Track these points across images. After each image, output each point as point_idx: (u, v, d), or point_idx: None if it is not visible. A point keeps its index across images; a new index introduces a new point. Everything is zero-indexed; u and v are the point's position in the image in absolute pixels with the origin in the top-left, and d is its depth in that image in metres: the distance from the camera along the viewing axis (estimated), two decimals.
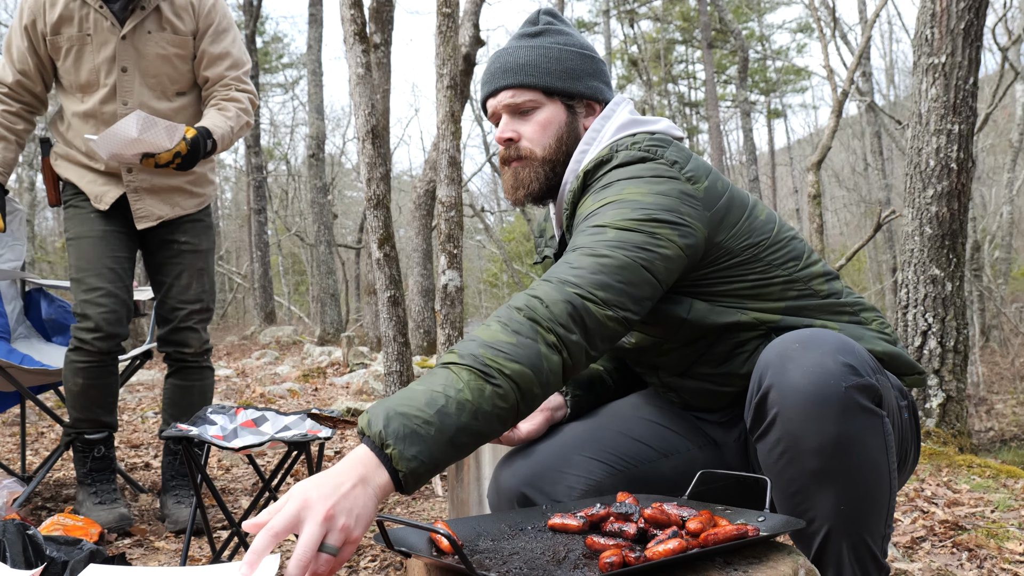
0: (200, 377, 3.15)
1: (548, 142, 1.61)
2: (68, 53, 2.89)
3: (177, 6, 2.97)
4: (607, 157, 1.51)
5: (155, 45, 2.93)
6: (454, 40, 4.09)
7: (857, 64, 9.83)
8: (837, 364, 1.23)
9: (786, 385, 1.24)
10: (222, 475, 3.92)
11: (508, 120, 1.63)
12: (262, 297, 15.39)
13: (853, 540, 1.29)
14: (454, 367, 1.18)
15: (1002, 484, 3.19)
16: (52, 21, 2.85)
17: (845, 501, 1.26)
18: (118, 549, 2.76)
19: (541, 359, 1.20)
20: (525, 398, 1.20)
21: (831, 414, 1.22)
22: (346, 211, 28.28)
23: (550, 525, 1.26)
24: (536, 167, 1.61)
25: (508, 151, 1.63)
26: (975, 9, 3.84)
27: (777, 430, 1.26)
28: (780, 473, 1.29)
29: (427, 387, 1.16)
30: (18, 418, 3.97)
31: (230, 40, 3.06)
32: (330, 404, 6.06)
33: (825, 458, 1.24)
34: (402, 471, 1.11)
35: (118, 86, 2.91)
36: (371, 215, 4.14)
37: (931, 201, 3.93)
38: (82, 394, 2.91)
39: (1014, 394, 10.60)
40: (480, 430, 1.16)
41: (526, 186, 1.62)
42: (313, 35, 13.93)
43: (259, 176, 15.11)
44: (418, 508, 3.33)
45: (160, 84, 2.97)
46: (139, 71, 2.93)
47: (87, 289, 2.88)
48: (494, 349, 1.19)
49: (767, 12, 23.32)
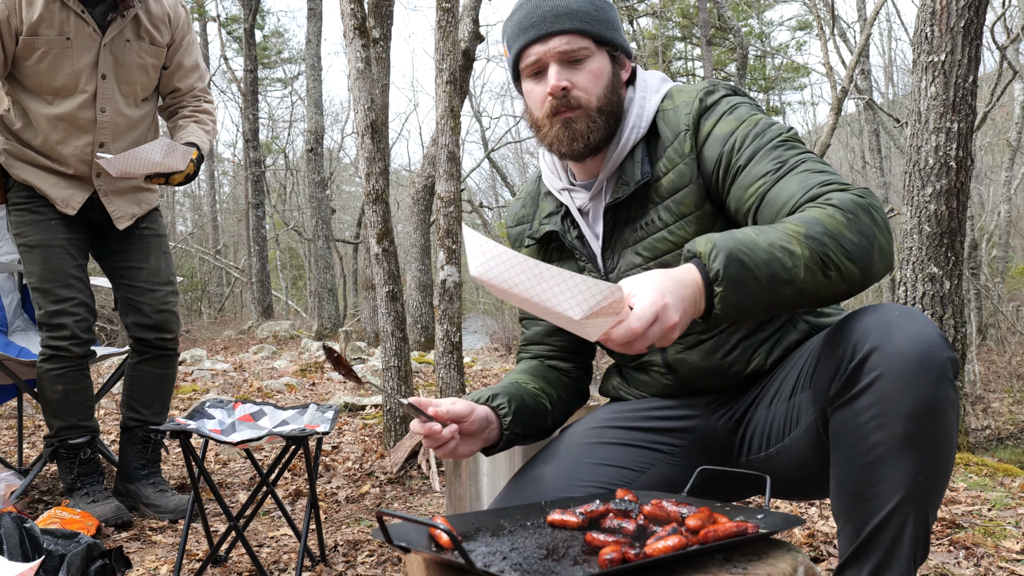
0: (175, 364, 3.18)
1: (601, 92, 1.55)
2: (44, 56, 2.85)
3: (155, 16, 3.02)
4: (711, 88, 1.56)
5: (134, 54, 2.98)
6: (454, 35, 4.08)
7: (856, 62, 9.82)
8: (937, 335, 1.28)
9: (891, 348, 1.26)
10: (219, 469, 3.92)
11: (559, 68, 1.54)
12: (260, 291, 15.38)
13: (918, 516, 1.29)
14: (798, 237, 1.27)
15: (999, 482, 3.20)
16: (30, 21, 2.81)
17: (923, 472, 1.27)
18: (115, 543, 2.76)
19: (872, 264, 1.30)
20: (848, 292, 1.31)
21: (931, 380, 1.25)
22: (344, 206, 28.24)
23: (549, 521, 1.25)
24: (594, 117, 1.55)
25: (560, 101, 1.54)
26: (975, 7, 3.84)
27: (875, 392, 1.27)
28: (862, 439, 1.29)
29: (768, 243, 1.25)
30: (15, 411, 3.97)
31: (197, 50, 3.19)
32: (327, 399, 6.05)
33: (917, 423, 1.25)
34: (718, 311, 1.23)
35: (98, 93, 2.93)
36: (370, 210, 4.14)
37: (930, 199, 3.93)
38: (63, 400, 2.93)
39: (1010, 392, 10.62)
40: (796, 304, 1.31)
41: (584, 137, 1.55)
42: (312, 29, 13.89)
43: (257, 170, 15.09)
44: (416, 503, 3.33)
45: (132, 91, 3.03)
46: (116, 78, 2.97)
47: (58, 300, 2.90)
48: (838, 243, 1.27)
49: (766, 9, 23.32)
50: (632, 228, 1.59)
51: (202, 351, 8.97)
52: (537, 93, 1.58)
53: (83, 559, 2.03)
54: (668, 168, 1.55)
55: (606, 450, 1.61)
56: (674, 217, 1.55)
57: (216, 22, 20.06)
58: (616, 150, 1.59)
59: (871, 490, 1.28)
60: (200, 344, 12.18)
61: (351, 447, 4.36)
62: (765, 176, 1.43)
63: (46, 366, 2.91)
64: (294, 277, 27.35)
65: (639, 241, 1.58)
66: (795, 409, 1.52)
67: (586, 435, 1.66)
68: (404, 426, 4.04)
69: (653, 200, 1.57)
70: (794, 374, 1.56)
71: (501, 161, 25.71)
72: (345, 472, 3.83)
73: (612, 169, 1.60)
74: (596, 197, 1.63)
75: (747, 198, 1.45)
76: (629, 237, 1.59)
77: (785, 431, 1.55)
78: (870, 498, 1.29)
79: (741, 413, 1.64)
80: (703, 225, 1.55)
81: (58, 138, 2.92)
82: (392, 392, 4.05)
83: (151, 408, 3.13)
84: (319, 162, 13.66)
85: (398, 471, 3.73)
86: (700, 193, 1.54)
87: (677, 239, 1.55)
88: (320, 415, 2.50)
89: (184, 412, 5.54)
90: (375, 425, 4.90)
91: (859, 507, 1.30)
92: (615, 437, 1.64)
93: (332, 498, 3.41)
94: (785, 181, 1.41)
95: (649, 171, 1.56)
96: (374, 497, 3.42)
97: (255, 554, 2.35)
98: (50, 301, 2.90)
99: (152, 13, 3.01)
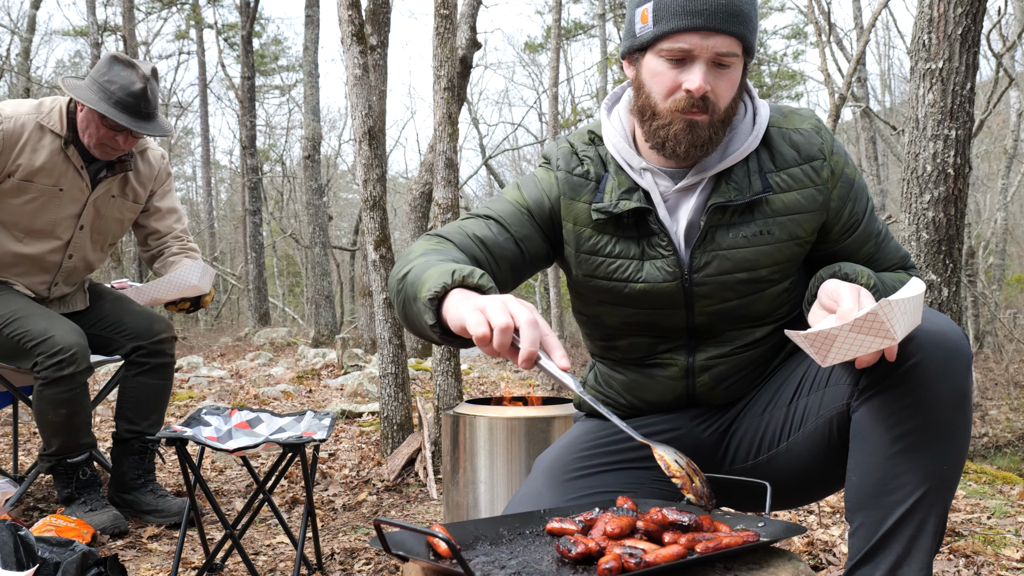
0: (172, 373, 3.17)
1: (730, 101, 1.49)
2: (32, 201, 2.87)
3: (142, 175, 3.10)
4: (831, 142, 1.56)
5: (115, 209, 3.06)
6: (451, 42, 4.08)
7: (854, 70, 9.84)
8: (961, 330, 1.34)
9: (926, 338, 1.30)
10: (216, 476, 3.90)
11: (706, 69, 1.44)
12: (256, 298, 15.35)
13: (940, 508, 1.32)
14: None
15: (998, 490, 3.19)
16: (31, 167, 2.83)
17: (948, 460, 1.31)
18: (111, 551, 2.74)
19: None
20: None
21: (962, 369, 1.32)
22: (341, 213, 28.23)
23: (548, 530, 1.24)
24: (717, 127, 1.47)
25: (694, 101, 1.44)
26: (972, 15, 3.84)
27: (911, 380, 1.30)
28: (892, 428, 1.31)
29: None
30: (10, 418, 3.95)
31: (174, 193, 3.27)
32: (324, 406, 6.04)
33: (948, 410, 1.30)
34: None
35: (73, 241, 2.99)
36: (367, 216, 4.13)
37: (928, 206, 3.93)
38: (66, 423, 2.87)
39: (1008, 400, 10.61)
40: None
41: (701, 146, 1.47)
42: (310, 37, 13.91)
43: (254, 177, 15.08)
44: (413, 511, 3.32)
45: (103, 240, 3.11)
46: (92, 229, 3.03)
47: (45, 329, 2.81)
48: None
49: (762, 18, 23.37)
50: (730, 233, 1.52)
51: (199, 358, 8.95)
52: (668, 80, 1.46)
53: (78, 567, 2.01)
54: (789, 187, 1.52)
55: (596, 479, 1.59)
56: (787, 236, 1.52)
57: (213, 29, 20.09)
58: (722, 154, 1.53)
59: (896, 481, 1.30)
60: (197, 351, 12.14)
61: (348, 454, 4.34)
62: (873, 240, 1.60)
63: (48, 391, 2.81)
64: (291, 284, 27.33)
65: (736, 248, 1.52)
66: (798, 412, 1.51)
67: (570, 465, 1.62)
68: (401, 433, 4.03)
69: (764, 212, 1.52)
70: (794, 380, 1.55)
71: (498, 168, 25.72)
72: (342, 480, 3.81)
73: (715, 171, 1.53)
74: (683, 190, 1.55)
75: (859, 254, 1.60)
76: (723, 240, 1.52)
77: (782, 436, 1.55)
78: (894, 490, 1.30)
79: (728, 424, 1.63)
80: (803, 250, 1.55)
81: (17, 271, 2.97)
82: (389, 399, 4.04)
83: (147, 420, 3.09)
84: (316, 169, 13.65)
85: (395, 479, 3.71)
86: (817, 223, 1.54)
87: (781, 257, 1.53)
88: (317, 422, 2.48)
89: (180, 419, 5.51)
90: (372, 432, 4.88)
91: (881, 501, 1.31)
92: (601, 464, 1.62)
93: (329, 506, 3.39)
94: (885, 247, 1.62)
95: (770, 186, 1.52)
96: (371, 505, 3.41)
97: (251, 562, 2.33)
98: (38, 330, 2.81)
99: (140, 172, 3.10)
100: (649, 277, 1.55)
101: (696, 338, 1.60)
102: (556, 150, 1.65)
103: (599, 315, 1.65)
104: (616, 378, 1.70)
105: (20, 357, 2.84)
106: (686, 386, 1.63)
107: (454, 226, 1.59)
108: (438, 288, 1.27)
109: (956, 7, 3.84)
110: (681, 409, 1.66)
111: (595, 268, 1.59)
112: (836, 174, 1.54)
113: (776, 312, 1.59)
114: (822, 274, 1.46)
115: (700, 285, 1.54)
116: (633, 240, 1.56)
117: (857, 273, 1.45)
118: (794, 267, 1.57)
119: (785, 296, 1.58)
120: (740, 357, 1.60)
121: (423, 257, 1.43)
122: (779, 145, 1.53)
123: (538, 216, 1.61)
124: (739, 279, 1.53)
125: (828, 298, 1.34)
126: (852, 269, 1.46)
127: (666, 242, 1.53)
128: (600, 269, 1.58)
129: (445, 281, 1.27)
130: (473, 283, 1.28)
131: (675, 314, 1.57)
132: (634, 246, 1.56)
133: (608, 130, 1.61)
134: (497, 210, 1.60)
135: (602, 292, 1.60)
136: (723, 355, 1.59)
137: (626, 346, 1.65)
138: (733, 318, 1.57)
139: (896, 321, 1.18)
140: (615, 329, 1.65)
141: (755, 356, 1.60)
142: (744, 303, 1.55)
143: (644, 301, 1.57)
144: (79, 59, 24.43)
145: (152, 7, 20.41)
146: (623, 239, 1.57)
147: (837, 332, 1.19)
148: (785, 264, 1.54)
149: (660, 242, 1.54)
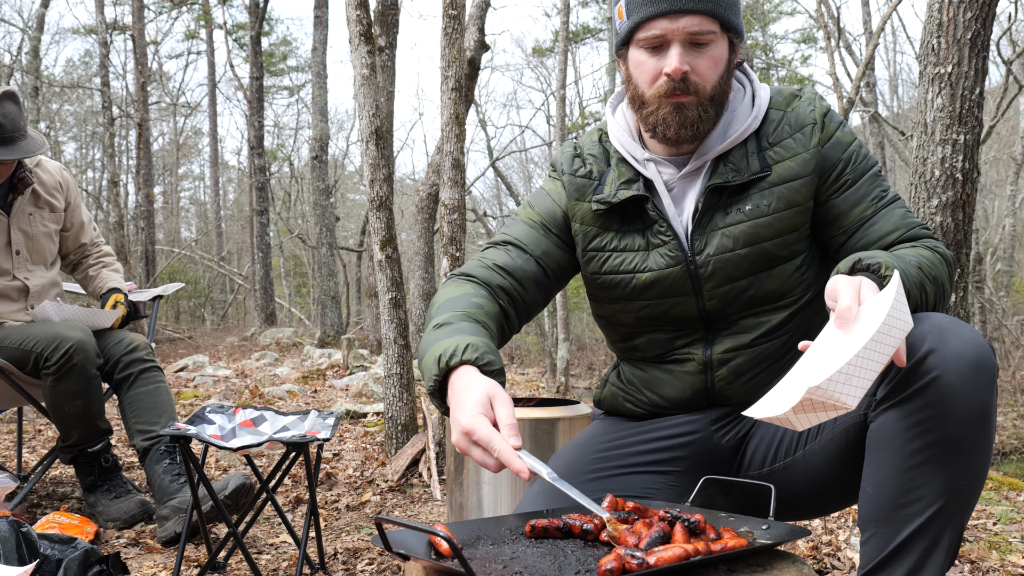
0: (162, 377, 3.16)
1: (716, 79, 1.51)
2: None
3: (48, 186, 3.21)
4: (825, 110, 1.57)
5: (39, 223, 3.17)
6: (460, 42, 4.08)
7: (862, 74, 9.82)
8: (986, 341, 1.30)
9: (948, 351, 1.26)
10: (220, 475, 3.90)
11: (683, 50, 1.47)
12: (263, 298, 15.38)
13: (956, 524, 1.29)
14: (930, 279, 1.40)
15: (1004, 497, 3.17)
16: None
17: (966, 476, 1.27)
18: (113, 548, 2.74)
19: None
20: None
21: (985, 383, 1.27)
22: (348, 214, 28.27)
23: (529, 533, 1.24)
24: (705, 106, 1.50)
25: (676, 84, 1.48)
26: (982, 20, 3.83)
27: (929, 394, 1.26)
28: (909, 441, 1.28)
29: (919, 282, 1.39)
30: (15, 415, 3.96)
31: (83, 205, 3.41)
32: (329, 406, 6.04)
33: (968, 426, 1.26)
34: None
35: (16, 268, 3.09)
36: (374, 216, 4.13)
37: (936, 211, 3.91)
38: (84, 413, 2.93)
39: (1015, 407, 10.58)
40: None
41: (694, 125, 1.51)
42: (319, 37, 13.93)
43: (262, 178, 15.11)
44: (416, 511, 3.31)
45: (43, 259, 3.21)
46: (29, 251, 3.14)
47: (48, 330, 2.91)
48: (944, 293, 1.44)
49: (771, 23, 23.34)
50: (725, 212, 1.55)
51: (204, 357, 8.96)
52: (650, 68, 1.51)
53: (80, 564, 2.01)
54: (783, 157, 1.54)
55: (610, 482, 1.59)
56: (784, 205, 1.53)
57: (223, 29, 20.13)
58: (722, 137, 1.56)
59: (911, 495, 1.27)
60: (203, 350, 12.17)
61: (352, 455, 4.34)
62: (869, 202, 1.54)
63: (63, 385, 2.83)
64: (297, 284, 27.36)
65: (734, 225, 1.54)
66: None
67: (587, 466, 1.62)
68: (405, 434, 4.03)
69: (760, 187, 1.54)
70: None
71: (506, 171, 25.72)
72: (346, 480, 3.81)
73: (715, 154, 1.55)
74: (687, 176, 1.58)
75: (851, 215, 1.54)
76: (720, 220, 1.55)
77: (798, 445, 1.53)
78: (909, 503, 1.28)
79: (747, 430, 1.62)
80: (804, 219, 1.55)
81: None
82: (394, 400, 4.04)
83: (160, 423, 3.03)
84: (323, 170, 13.67)
85: (399, 479, 3.71)
86: (812, 187, 1.54)
87: (783, 227, 1.53)
88: (321, 422, 2.48)
89: (185, 417, 5.52)
90: (376, 433, 4.88)
91: (895, 513, 1.29)
92: (617, 466, 1.61)
93: (332, 505, 3.39)
94: (887, 213, 1.53)
95: (768, 166, 1.54)
96: (375, 505, 3.41)
97: (254, 561, 2.33)
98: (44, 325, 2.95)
99: (45, 183, 3.20)
100: (654, 265, 1.58)
101: (712, 330, 1.60)
102: (560, 156, 1.72)
103: (614, 314, 1.68)
104: (637, 375, 1.71)
105: (33, 362, 2.89)
106: (705, 381, 1.62)
107: (475, 260, 1.66)
108: (432, 384, 1.35)
109: (966, 11, 3.82)
110: (701, 408, 1.65)
111: (602, 264, 1.63)
112: (827, 135, 1.55)
113: (789, 294, 1.57)
114: (840, 267, 1.42)
115: (704, 266, 1.55)
116: (638, 232, 1.61)
117: (879, 263, 1.33)
118: (801, 240, 1.56)
119: (798, 276, 1.57)
120: (758, 349, 1.58)
121: (438, 316, 1.49)
122: (777, 123, 1.57)
123: (553, 227, 1.67)
124: (742, 255, 1.53)
125: (829, 298, 1.32)
126: (872, 258, 1.34)
127: (665, 228, 1.57)
128: (607, 264, 1.62)
129: (435, 373, 1.34)
130: (457, 363, 1.33)
131: (685, 301, 1.58)
132: (639, 238, 1.60)
133: (612, 126, 1.67)
134: (514, 234, 1.67)
135: (612, 288, 1.63)
136: (740, 347, 1.58)
137: (644, 343, 1.67)
138: (744, 300, 1.57)
139: (841, 393, 1.11)
140: (631, 327, 1.67)
141: (772, 349, 1.59)
142: (753, 281, 1.55)
143: (653, 291, 1.59)
144: (88, 59, 24.54)
145: (162, 6, 20.47)
146: (628, 233, 1.61)
147: (785, 416, 1.15)
148: (789, 236, 1.54)
149: (660, 228, 1.57)
